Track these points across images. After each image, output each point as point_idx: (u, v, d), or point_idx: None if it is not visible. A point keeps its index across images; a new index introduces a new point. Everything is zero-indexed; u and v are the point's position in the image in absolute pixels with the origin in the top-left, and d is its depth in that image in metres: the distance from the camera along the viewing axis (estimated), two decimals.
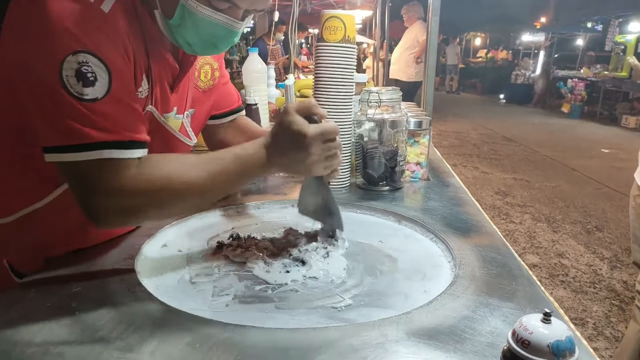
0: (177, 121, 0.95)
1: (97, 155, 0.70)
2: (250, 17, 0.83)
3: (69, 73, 0.68)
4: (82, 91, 0.69)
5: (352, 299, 0.74)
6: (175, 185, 0.75)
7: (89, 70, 0.69)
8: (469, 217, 1.09)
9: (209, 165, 0.78)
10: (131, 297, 0.71)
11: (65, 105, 0.69)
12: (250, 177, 0.83)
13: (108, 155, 0.70)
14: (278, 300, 0.74)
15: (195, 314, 0.68)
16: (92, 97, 0.69)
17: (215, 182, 0.78)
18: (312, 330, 0.64)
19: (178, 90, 0.92)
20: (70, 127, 0.69)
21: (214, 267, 0.85)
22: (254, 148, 0.79)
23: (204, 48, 0.84)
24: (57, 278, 0.77)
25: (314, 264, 0.85)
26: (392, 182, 1.31)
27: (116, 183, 0.71)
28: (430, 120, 1.44)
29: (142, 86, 0.81)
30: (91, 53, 0.69)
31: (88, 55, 0.69)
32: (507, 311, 0.69)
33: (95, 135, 0.70)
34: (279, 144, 0.79)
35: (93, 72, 0.69)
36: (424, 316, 0.67)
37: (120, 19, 0.74)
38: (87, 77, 0.69)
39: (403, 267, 0.86)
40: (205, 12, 0.77)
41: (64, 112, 0.69)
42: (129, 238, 0.93)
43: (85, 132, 0.69)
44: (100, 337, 0.61)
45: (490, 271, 0.82)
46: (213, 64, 1.06)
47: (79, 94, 0.69)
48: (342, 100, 1.26)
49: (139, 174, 0.73)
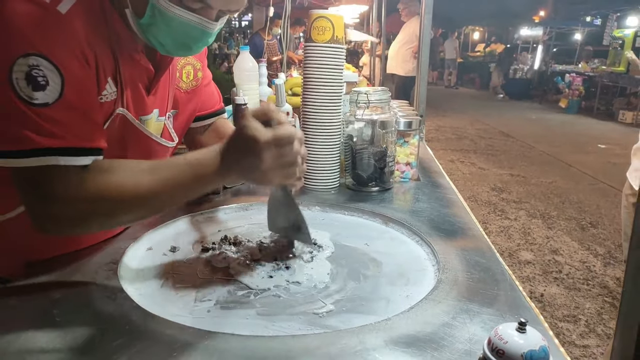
0: (159, 124, 0.94)
1: (43, 162, 0.68)
2: (225, 17, 0.82)
3: (18, 76, 0.66)
4: (32, 95, 0.67)
5: (334, 305, 0.75)
6: (125, 193, 0.73)
7: (39, 74, 0.67)
8: (457, 219, 1.09)
9: (161, 172, 0.75)
10: (113, 304, 0.71)
11: (13, 109, 0.67)
12: (205, 184, 0.78)
13: (54, 161, 0.69)
14: (260, 306, 0.74)
15: (176, 320, 0.68)
16: (42, 102, 0.68)
17: (166, 189, 0.75)
18: (291, 338, 0.64)
19: (157, 92, 0.91)
20: (17, 132, 0.67)
21: (198, 272, 0.85)
22: (208, 153, 0.75)
23: (177, 49, 0.83)
24: (39, 284, 0.77)
25: (297, 268, 0.85)
26: (381, 183, 1.31)
27: (62, 190, 0.70)
28: (420, 120, 1.44)
29: (106, 89, 0.79)
30: (43, 56, 0.67)
31: (40, 58, 0.67)
32: (486, 317, 0.69)
33: (41, 141, 0.68)
34: (233, 149, 0.74)
35: (44, 76, 0.68)
36: (403, 323, 0.67)
37: (78, 21, 0.72)
38: (37, 81, 0.67)
39: (387, 271, 0.86)
40: (176, 11, 0.75)
41: (11, 116, 0.67)
42: (114, 242, 0.93)
43: (31, 137, 0.67)
44: (79, 346, 0.61)
45: (473, 275, 0.82)
46: (195, 64, 1.05)
47: (29, 97, 0.67)
48: (330, 100, 1.25)
49: (88, 180, 0.72)
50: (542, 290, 2.89)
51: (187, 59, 1.02)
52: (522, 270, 3.13)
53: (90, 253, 0.88)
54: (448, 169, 5.33)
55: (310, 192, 1.28)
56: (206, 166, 0.75)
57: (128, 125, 0.86)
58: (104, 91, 0.80)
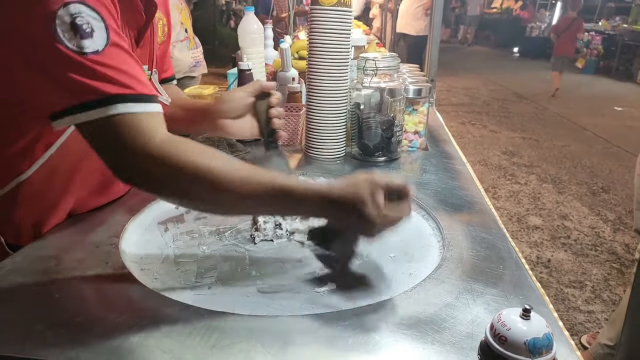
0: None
1: (115, 110, 0.65)
2: None
3: (64, 28, 0.64)
4: (82, 44, 0.64)
5: (336, 283, 0.74)
6: (210, 179, 0.66)
7: (83, 21, 0.64)
8: (464, 192, 1.07)
9: (256, 182, 0.68)
10: (113, 280, 0.71)
11: (67, 62, 0.64)
12: (292, 215, 0.79)
13: (124, 109, 0.66)
14: (261, 282, 0.74)
15: (177, 298, 0.68)
16: (93, 50, 0.65)
17: (252, 203, 0.69)
18: (291, 318, 0.63)
19: (144, 45, 0.89)
20: (79, 83, 0.65)
21: (200, 247, 0.84)
22: (313, 198, 0.69)
23: None
24: (40, 258, 0.77)
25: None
26: (388, 153, 1.28)
27: (141, 141, 0.66)
28: (430, 87, 1.39)
29: None
30: (81, 2, 0.65)
31: (79, 5, 0.64)
32: (490, 298, 0.68)
33: (108, 89, 0.65)
34: (341, 208, 0.68)
35: (88, 23, 0.65)
36: (405, 303, 0.67)
37: None
38: (83, 28, 0.64)
39: (392, 247, 0.85)
40: None
41: (68, 68, 0.64)
42: (116, 214, 0.92)
43: (95, 86, 0.65)
44: (79, 322, 0.61)
45: (478, 253, 0.80)
46: (162, 19, 1.01)
47: (79, 47, 0.64)
48: (337, 67, 1.21)
49: (169, 141, 0.68)
50: (549, 256, 2.89)
51: (158, 13, 0.97)
52: (530, 236, 3.12)
53: (92, 225, 0.88)
54: (459, 132, 5.24)
55: (314, 161, 1.25)
56: (304, 206, 0.70)
57: None
58: None
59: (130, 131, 0.66)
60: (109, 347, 0.57)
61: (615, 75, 9.51)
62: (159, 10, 0.98)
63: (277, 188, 0.68)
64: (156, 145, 0.67)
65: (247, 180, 0.67)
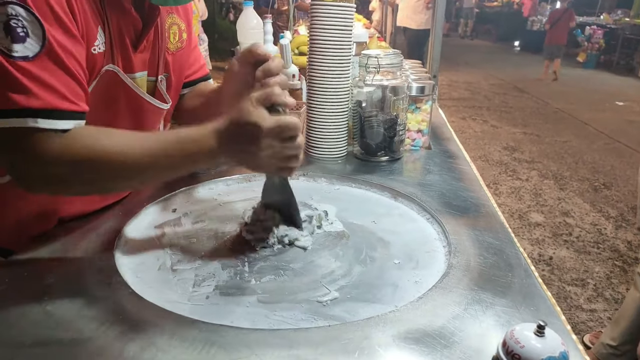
0: (150, 85, 0.90)
1: (20, 124, 0.64)
2: None
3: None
4: (11, 47, 0.62)
5: (339, 291, 0.71)
6: (109, 162, 0.68)
7: (18, 24, 0.62)
8: (469, 193, 1.04)
9: (149, 145, 0.70)
10: (108, 290, 0.68)
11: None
12: (195, 163, 0.74)
13: (32, 123, 0.64)
14: (261, 292, 0.71)
15: (173, 309, 0.65)
16: (21, 55, 0.62)
17: (154, 163, 0.70)
18: (293, 332, 0.61)
19: (144, 50, 0.86)
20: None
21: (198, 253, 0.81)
22: (201, 131, 0.70)
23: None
24: (33, 264, 0.74)
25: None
26: (390, 152, 1.25)
27: (41, 153, 0.66)
28: (433, 85, 1.35)
29: (97, 39, 0.74)
30: (21, 5, 0.62)
31: (18, 7, 0.62)
32: (500, 310, 0.65)
33: (19, 100, 0.63)
34: (230, 132, 0.69)
35: (24, 27, 0.62)
36: (411, 314, 0.64)
37: None
38: (17, 32, 0.62)
39: (396, 252, 0.82)
40: None
41: None
42: (111, 218, 0.89)
43: (8, 96, 0.62)
44: (71, 338, 0.58)
45: (486, 260, 0.77)
46: (180, 25, 0.97)
47: (7, 49, 0.62)
48: (338, 64, 1.17)
49: (70, 146, 0.67)
50: (551, 253, 2.87)
51: (172, 19, 0.94)
52: (531, 233, 3.10)
53: (87, 229, 0.85)
54: (459, 127, 5.21)
55: (316, 161, 1.22)
56: (198, 144, 0.70)
57: (118, 83, 0.81)
58: (96, 41, 0.74)
59: (34, 145, 0.65)
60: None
61: (616, 70, 9.47)
62: (176, 15, 0.96)
63: (169, 138, 0.71)
64: (56, 152, 0.66)
65: (140, 144, 0.70)
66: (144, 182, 0.80)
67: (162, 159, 0.71)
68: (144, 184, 0.87)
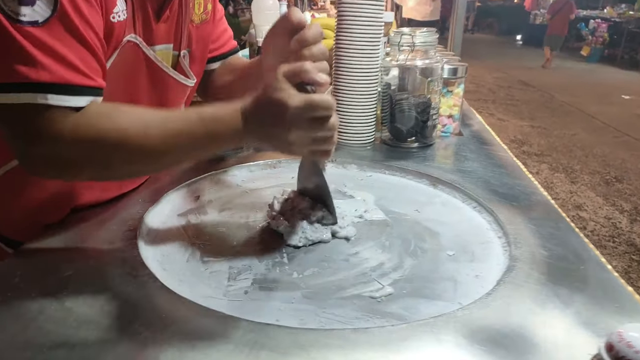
0: (173, 59, 0.82)
1: (28, 99, 0.55)
2: None
3: None
4: (18, 10, 0.54)
5: (393, 286, 0.63)
6: (126, 143, 0.61)
7: None
8: (515, 181, 0.96)
9: (170, 124, 0.63)
10: (133, 284, 0.60)
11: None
12: (220, 145, 0.66)
13: (42, 100, 0.56)
14: (305, 287, 0.63)
15: (210, 305, 0.57)
16: (30, 20, 0.54)
17: (175, 144, 0.63)
18: (351, 332, 0.53)
19: (167, 21, 0.78)
20: (1, 59, 0.54)
21: (229, 242, 0.73)
22: (228, 111, 0.63)
23: None
24: (49, 255, 0.66)
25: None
26: (422, 138, 1.17)
27: (52, 133, 0.58)
28: (466, 67, 1.27)
29: (117, 6, 0.66)
30: None
31: None
32: (581, 307, 0.57)
33: (28, 73, 0.55)
34: (257, 110, 0.62)
35: None
36: (482, 313, 0.56)
37: None
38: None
39: (447, 244, 0.75)
40: None
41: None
42: (129, 205, 0.81)
43: (15, 68, 0.54)
44: (96, 339, 0.50)
45: (552, 252, 0.70)
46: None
47: (13, 13, 0.53)
48: (368, 43, 1.09)
49: (84, 125, 0.59)
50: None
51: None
52: None
53: (105, 219, 0.77)
54: None
55: (343, 147, 1.14)
56: (222, 124, 0.62)
57: (139, 56, 0.73)
58: (115, 8, 0.66)
59: (44, 123, 0.57)
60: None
61: (621, 64, 9.39)
62: None
63: (191, 117, 0.63)
64: (68, 131, 0.58)
65: (160, 123, 0.62)
66: (164, 165, 0.71)
67: (184, 139, 0.63)
68: (163, 168, 0.78)
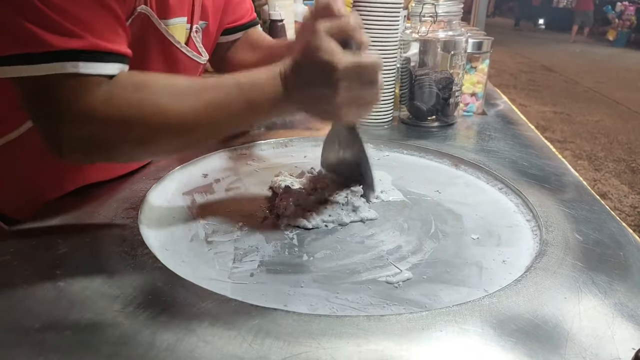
0: (183, 31, 0.76)
1: (57, 69, 0.51)
2: None
3: None
4: None
5: (411, 271, 0.58)
6: (164, 116, 0.55)
7: None
8: (545, 161, 0.90)
9: (206, 94, 0.57)
10: (132, 264, 0.56)
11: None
12: (258, 114, 0.60)
13: (72, 68, 0.51)
14: (315, 270, 0.58)
15: (213, 288, 0.52)
16: None
17: (212, 116, 0.58)
18: (365, 319, 0.48)
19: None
20: (21, 30, 0.49)
21: (235, 222, 0.69)
22: (266, 77, 0.58)
23: None
24: (44, 233, 0.63)
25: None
26: (443, 117, 1.11)
27: (84, 106, 0.53)
28: (491, 41, 1.20)
29: None
30: None
31: None
32: (623, 297, 0.52)
33: (54, 41, 0.50)
34: (300, 74, 0.57)
35: None
36: (513, 302, 0.50)
37: None
38: None
39: (471, 226, 0.69)
40: None
41: (12, 6, 0.49)
42: (133, 182, 0.77)
43: (40, 36, 0.50)
44: (89, 321, 0.46)
45: (587, 236, 0.64)
46: None
47: None
48: (388, 14, 1.02)
49: (117, 96, 0.54)
50: None
51: None
52: None
53: (105, 196, 0.73)
54: None
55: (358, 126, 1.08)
56: (262, 91, 0.57)
57: (150, 29, 0.68)
58: None
59: (75, 95, 0.52)
60: (129, 355, 0.42)
61: None
62: None
63: (227, 83, 0.58)
64: (100, 103, 0.53)
65: (196, 92, 0.57)
66: (200, 139, 0.64)
67: (221, 109, 0.58)
68: (198, 143, 0.72)
